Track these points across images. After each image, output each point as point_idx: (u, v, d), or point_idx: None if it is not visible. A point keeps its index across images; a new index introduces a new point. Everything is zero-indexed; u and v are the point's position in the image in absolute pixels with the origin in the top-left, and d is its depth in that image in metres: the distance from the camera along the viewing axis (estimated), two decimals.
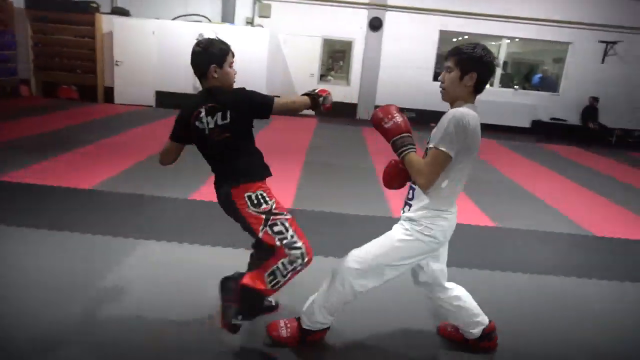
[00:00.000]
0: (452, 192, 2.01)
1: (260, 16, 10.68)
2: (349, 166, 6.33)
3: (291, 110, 2.27)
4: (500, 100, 11.29)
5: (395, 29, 10.79)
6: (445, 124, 1.86)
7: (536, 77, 12.14)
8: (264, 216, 2.09)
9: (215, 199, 2.28)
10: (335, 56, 12.71)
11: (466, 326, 2.30)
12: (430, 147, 1.90)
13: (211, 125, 2.11)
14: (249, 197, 2.10)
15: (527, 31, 11.05)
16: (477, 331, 2.30)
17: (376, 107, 11.40)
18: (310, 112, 11.01)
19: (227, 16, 10.43)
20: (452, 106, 1.99)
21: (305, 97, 2.26)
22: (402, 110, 2.05)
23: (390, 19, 10.76)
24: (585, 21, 10.78)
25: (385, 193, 5.07)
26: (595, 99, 10.92)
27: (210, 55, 2.11)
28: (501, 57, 11.63)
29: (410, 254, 2.06)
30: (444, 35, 11.43)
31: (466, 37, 13.02)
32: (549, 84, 11.88)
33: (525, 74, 13.51)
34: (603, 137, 11.04)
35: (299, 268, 2.09)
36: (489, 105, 11.22)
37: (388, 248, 2.07)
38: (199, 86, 2.24)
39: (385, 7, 10.67)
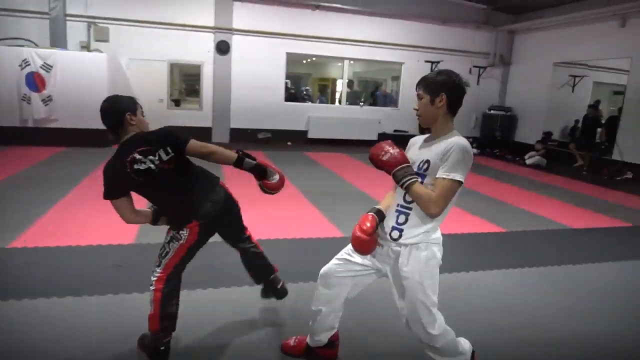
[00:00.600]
0: (444, 214, 2.07)
1: (97, 40, 9.94)
2: None
3: (206, 156, 2.26)
4: (349, 117, 12.08)
5: (243, 52, 10.90)
6: (453, 154, 1.93)
7: (378, 94, 13.24)
8: None
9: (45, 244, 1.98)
10: (189, 80, 12.40)
11: (319, 333, 2.36)
12: (442, 178, 1.93)
13: (157, 162, 2.19)
14: None
15: (365, 53, 12.03)
16: (325, 339, 2.39)
17: (232, 129, 11.47)
18: None
19: (58, 40, 9.51)
20: (433, 130, 2.08)
21: (230, 152, 2.30)
22: (257, 131, 2.02)
23: (237, 43, 10.84)
24: (413, 44, 12.12)
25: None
26: None
27: (122, 105, 2.22)
28: (345, 76, 12.48)
29: (437, 278, 2.12)
30: (293, 57, 11.89)
31: (314, 58, 13.75)
32: (391, 100, 13.06)
33: (372, 91, 14.69)
34: None
35: None
36: (339, 122, 11.96)
37: (431, 291, 2.07)
38: (27, 118, 1.99)
39: (231, 30, 10.73)
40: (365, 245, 2.06)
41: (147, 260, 3.61)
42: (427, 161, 2.01)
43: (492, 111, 12.83)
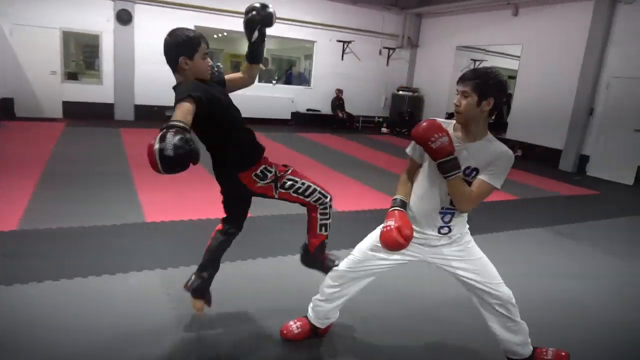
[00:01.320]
0: None
1: None
2: (100, 173, 5.69)
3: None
4: (262, 95, 11.88)
5: (147, 23, 10.15)
6: (502, 164, 1.97)
7: (289, 73, 13.14)
8: (272, 183, 2.31)
9: None
10: (89, 52, 11.39)
11: (330, 317, 2.49)
12: (485, 181, 1.97)
13: None
14: (256, 175, 2.28)
15: (278, 30, 11.81)
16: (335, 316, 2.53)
17: (137, 106, 10.77)
18: (58, 115, 9.62)
19: None
20: (469, 130, 2.00)
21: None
22: (164, 109, 1.81)
23: (141, 13, 10.10)
24: (325, 22, 12.14)
25: (139, 197, 4.73)
26: (340, 91, 12.46)
27: (178, 48, 2.03)
28: None
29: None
30: (202, 31, 11.35)
31: (225, 33, 13.28)
32: (304, 79, 13.04)
33: (287, 69, 14.54)
34: (351, 123, 12.74)
35: (330, 204, 2.43)
36: (252, 100, 11.71)
37: (489, 264, 2.23)
38: None
39: None
40: (402, 248, 2.01)
41: (33, 248, 3.31)
42: (476, 169, 2.00)
43: (400, 92, 13.32)
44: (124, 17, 9.94)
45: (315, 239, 2.46)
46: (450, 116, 10.18)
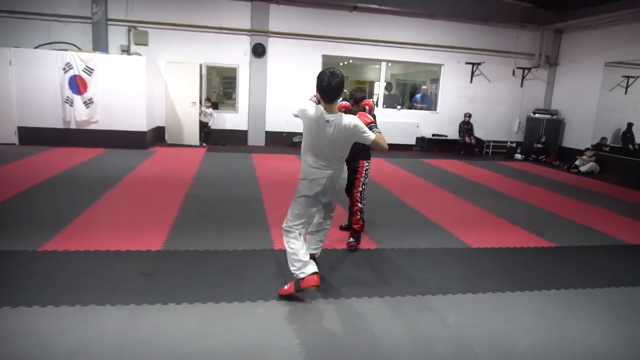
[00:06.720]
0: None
1: (137, 44, 10.09)
2: (234, 197, 6.02)
3: None
4: (386, 121, 11.78)
5: (279, 55, 10.81)
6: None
7: (417, 96, 12.84)
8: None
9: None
10: (227, 83, 12.44)
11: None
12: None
13: None
14: None
15: (403, 55, 11.71)
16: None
17: (289, 134, 11.31)
18: (195, 142, 10.53)
19: (99, 44, 9.72)
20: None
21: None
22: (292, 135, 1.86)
23: (274, 45, 10.77)
24: (453, 45, 11.71)
25: (268, 224, 4.86)
26: (468, 115, 11.84)
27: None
28: (382, 79, 12.20)
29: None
30: (329, 60, 11.72)
31: (350, 60, 13.54)
32: (429, 103, 12.66)
33: (411, 93, 14.30)
34: (480, 149, 12.02)
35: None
36: (379, 126, 11.67)
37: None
38: (69, 120, 1.85)
39: (267, 33, 10.66)
40: None
41: (179, 266, 3.52)
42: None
43: (537, 114, 12.24)
44: (258, 50, 10.66)
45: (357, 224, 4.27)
46: (597, 147, 8.94)
